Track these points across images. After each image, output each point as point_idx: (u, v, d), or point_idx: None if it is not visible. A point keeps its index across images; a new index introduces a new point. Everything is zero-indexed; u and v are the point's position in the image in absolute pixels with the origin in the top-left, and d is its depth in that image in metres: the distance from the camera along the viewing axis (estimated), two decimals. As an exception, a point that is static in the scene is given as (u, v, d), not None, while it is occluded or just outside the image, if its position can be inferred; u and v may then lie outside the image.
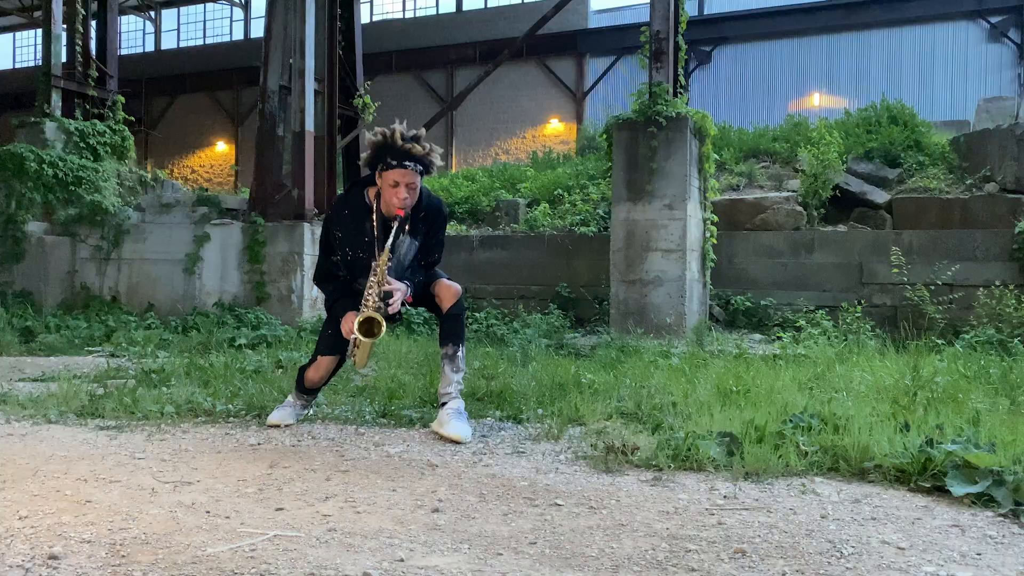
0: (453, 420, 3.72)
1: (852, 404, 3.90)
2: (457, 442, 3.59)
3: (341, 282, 3.92)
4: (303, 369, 4.09)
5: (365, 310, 3.64)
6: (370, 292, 3.67)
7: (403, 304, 3.77)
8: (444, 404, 3.83)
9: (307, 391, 4.12)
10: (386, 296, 3.65)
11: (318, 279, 4.06)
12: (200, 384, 5.09)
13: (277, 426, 3.95)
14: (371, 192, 3.78)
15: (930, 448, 2.96)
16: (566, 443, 3.63)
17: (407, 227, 3.71)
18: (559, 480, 2.99)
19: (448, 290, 3.86)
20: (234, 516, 2.49)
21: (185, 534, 2.31)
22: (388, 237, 3.66)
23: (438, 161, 3.71)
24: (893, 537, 2.36)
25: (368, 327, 3.63)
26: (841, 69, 20.90)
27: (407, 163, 3.57)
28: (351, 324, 3.68)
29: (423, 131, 3.71)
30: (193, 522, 2.42)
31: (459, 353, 3.89)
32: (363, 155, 3.74)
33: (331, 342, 3.95)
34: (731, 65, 22.07)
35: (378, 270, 3.64)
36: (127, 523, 2.40)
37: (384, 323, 3.64)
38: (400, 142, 3.56)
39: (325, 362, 3.99)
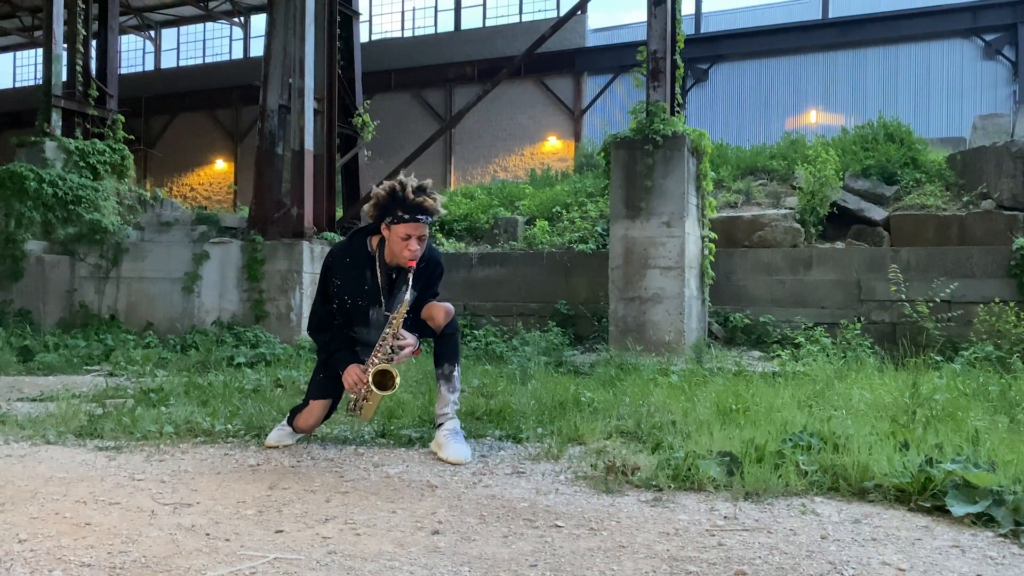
0: (451, 442, 3.72)
1: (851, 422, 3.91)
2: (457, 464, 3.59)
3: (336, 332, 3.92)
4: (294, 412, 4.02)
5: (377, 363, 3.67)
6: (383, 343, 3.70)
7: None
8: (441, 425, 3.83)
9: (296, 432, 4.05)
10: (398, 350, 3.69)
11: (313, 329, 4.03)
12: (199, 403, 5.09)
13: (275, 447, 3.95)
14: (374, 241, 3.78)
15: (930, 467, 2.96)
16: (566, 463, 3.62)
17: (410, 280, 3.68)
18: (559, 501, 2.99)
19: (441, 310, 3.84)
20: (234, 538, 2.49)
21: (185, 557, 2.31)
22: (391, 287, 3.72)
23: (443, 211, 3.74)
24: (894, 558, 2.35)
25: (382, 379, 3.65)
26: (838, 87, 21.01)
27: (420, 216, 3.58)
28: (359, 377, 3.70)
29: (430, 182, 3.73)
30: (193, 545, 2.42)
31: (455, 372, 3.89)
32: (367, 205, 3.72)
33: (324, 385, 3.93)
34: (728, 83, 22.18)
35: (394, 322, 3.67)
36: (127, 546, 2.40)
37: (398, 376, 3.66)
38: (412, 196, 3.57)
39: (317, 407, 3.93)
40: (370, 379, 3.64)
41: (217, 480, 3.27)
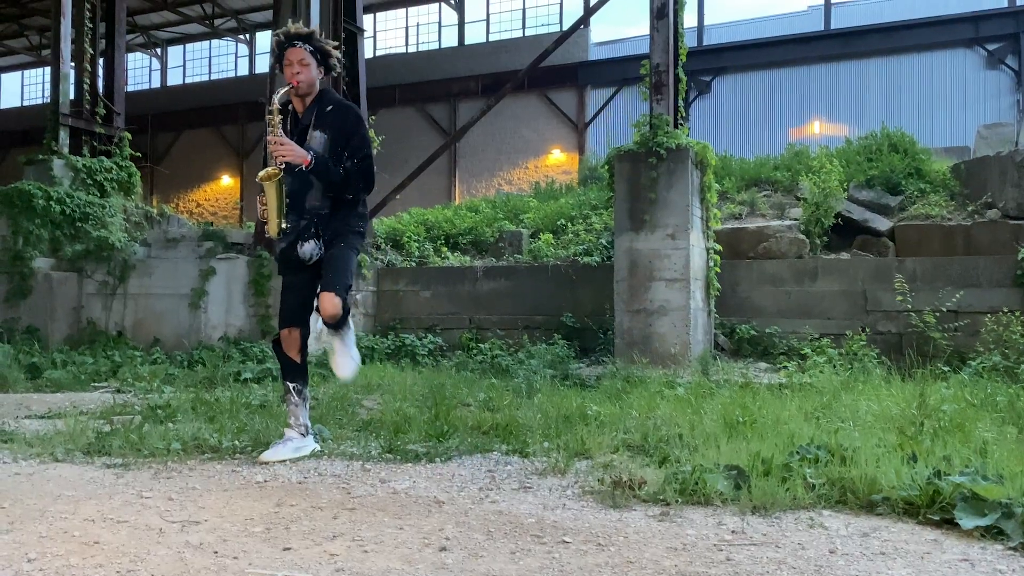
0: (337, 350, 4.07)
1: (859, 435, 3.90)
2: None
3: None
4: (277, 348, 4.26)
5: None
6: (269, 147, 4.05)
7: (319, 179, 4.03)
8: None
9: (292, 375, 4.19)
10: (273, 156, 4.00)
11: None
12: (206, 420, 5.10)
13: (269, 463, 3.95)
14: (294, 101, 4.21)
15: (938, 480, 2.95)
16: (573, 477, 3.62)
17: (314, 120, 4.08)
18: (566, 516, 2.98)
19: (324, 306, 3.99)
20: (242, 556, 2.49)
21: (193, 575, 2.31)
22: (305, 132, 4.09)
23: (334, 52, 4.20)
24: (903, 573, 2.35)
25: (267, 175, 4.00)
26: (841, 97, 21.03)
27: (296, 43, 4.09)
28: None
29: (316, 29, 4.30)
30: (201, 563, 2.42)
31: (341, 331, 4.08)
32: (272, 61, 4.35)
33: (285, 315, 4.24)
34: (731, 95, 22.23)
35: (272, 122, 4.00)
36: (135, 565, 2.40)
37: (279, 171, 3.97)
38: (291, 30, 4.12)
39: (285, 333, 4.21)
40: (257, 179, 4.04)
41: (224, 497, 3.28)
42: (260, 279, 9.54)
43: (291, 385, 4.21)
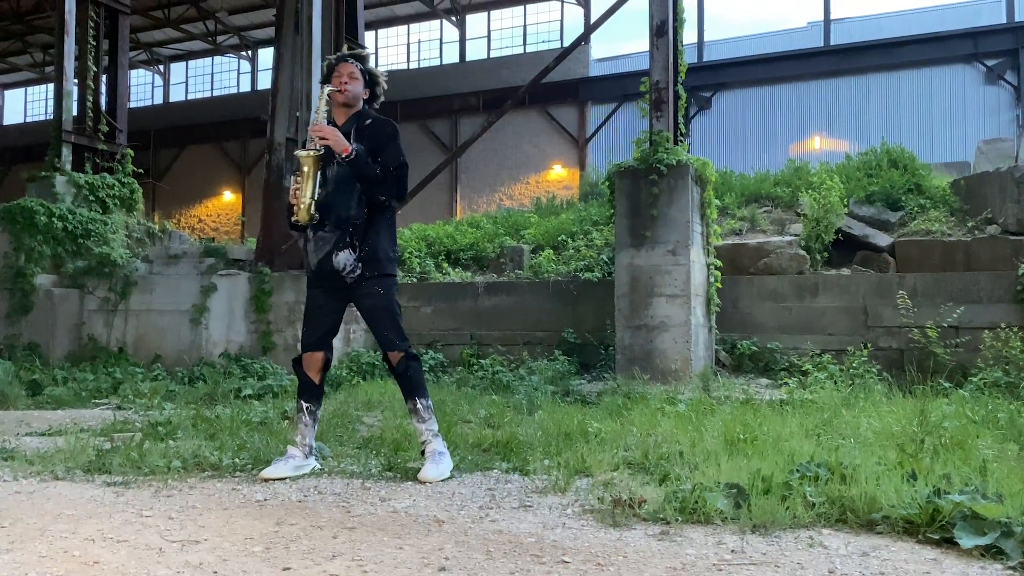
0: (427, 463, 4.02)
1: (859, 452, 3.90)
2: (426, 483, 3.88)
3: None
4: (298, 367, 4.30)
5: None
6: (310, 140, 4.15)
7: (357, 174, 4.07)
8: (423, 451, 4.12)
9: (308, 396, 4.24)
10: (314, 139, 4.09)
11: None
12: (206, 437, 5.10)
13: (269, 480, 3.95)
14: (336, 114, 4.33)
15: (938, 498, 2.95)
16: (573, 496, 3.62)
17: (354, 133, 4.15)
18: (566, 536, 2.98)
19: (392, 358, 4.20)
20: (241, 576, 2.49)
21: (192, 596, 2.31)
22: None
23: (382, 77, 4.39)
24: (902, 592, 2.34)
25: (306, 153, 4.08)
26: (841, 113, 21.12)
27: (348, 58, 4.28)
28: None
29: (370, 55, 4.58)
30: (200, 583, 2.42)
31: (418, 406, 4.15)
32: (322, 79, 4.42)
33: (308, 337, 4.25)
34: (731, 110, 22.33)
35: (319, 108, 4.18)
36: (134, 585, 2.40)
37: (311, 153, 4.07)
38: (346, 52, 4.41)
39: (308, 356, 4.23)
40: (295, 154, 4.16)
41: (224, 516, 3.28)
42: (261, 295, 9.56)
43: (305, 405, 4.22)
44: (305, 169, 4.07)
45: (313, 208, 4.05)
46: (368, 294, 4.15)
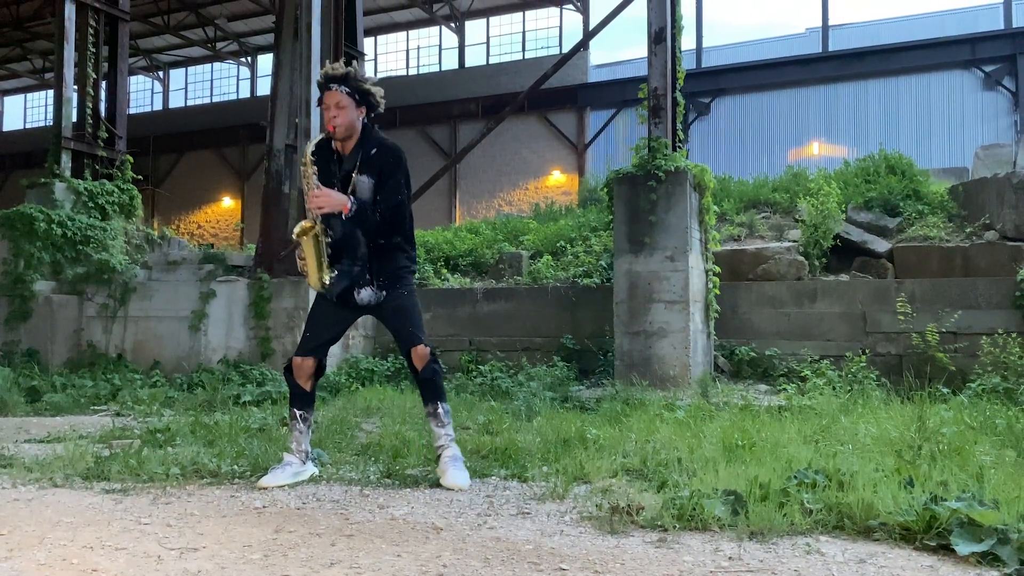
0: (450, 468, 3.98)
1: (857, 459, 3.90)
2: (455, 489, 3.84)
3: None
4: (288, 374, 4.25)
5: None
6: (306, 201, 4.03)
7: (359, 225, 4.00)
8: (440, 456, 4.08)
9: (300, 403, 4.21)
10: (316, 210, 3.98)
11: None
12: (205, 443, 5.10)
13: (268, 488, 3.95)
14: (336, 143, 4.15)
15: (935, 505, 2.95)
16: (571, 502, 3.62)
17: (359, 164, 4.04)
18: (564, 543, 2.99)
19: (417, 355, 4.08)
20: (239, 584, 2.49)
21: (190, 604, 2.31)
22: (342, 171, 4.05)
23: (375, 90, 4.12)
24: (899, 599, 2.35)
25: (302, 231, 3.98)
26: (839, 119, 21.17)
27: (331, 85, 4.04)
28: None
29: (357, 65, 4.22)
30: (198, 591, 2.42)
31: (439, 410, 4.11)
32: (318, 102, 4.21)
33: (305, 343, 4.23)
34: (730, 116, 22.37)
35: (306, 173, 4.01)
36: (133, 593, 2.40)
37: (316, 225, 3.97)
38: (329, 71, 4.07)
39: (298, 361, 4.17)
40: (294, 236, 4.02)
41: (223, 523, 3.28)
42: (260, 301, 9.56)
43: (298, 412, 4.22)
44: (304, 247, 4.00)
45: (326, 275, 4.03)
46: (392, 299, 4.15)
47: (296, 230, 4.00)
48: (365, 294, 4.11)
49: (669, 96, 8.69)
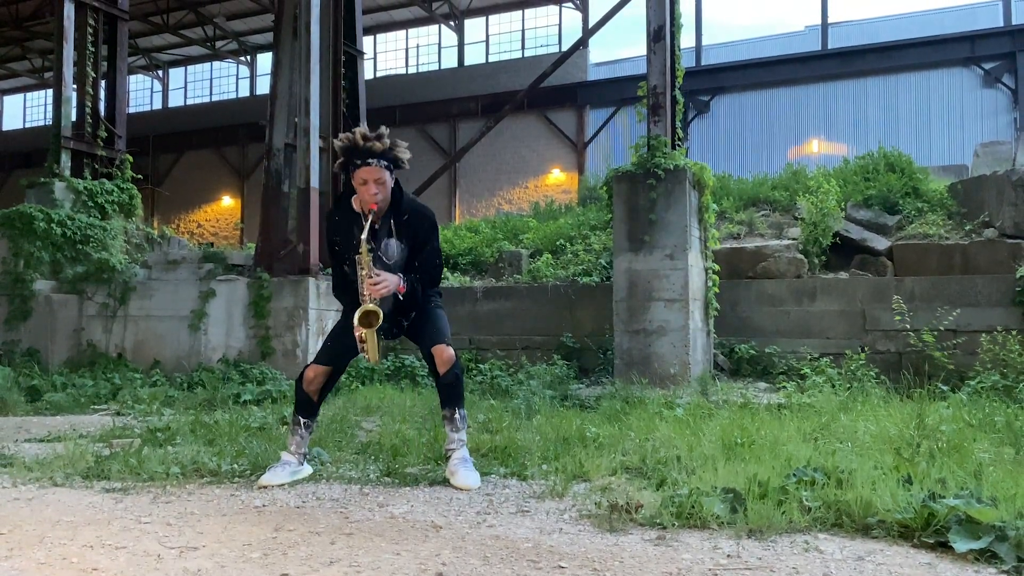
0: (461, 469, 3.96)
1: (856, 456, 3.91)
2: (465, 490, 3.82)
3: (353, 295, 4.03)
4: (299, 383, 4.19)
5: (363, 304, 3.86)
6: (363, 286, 3.88)
7: (404, 303, 3.98)
8: (449, 457, 4.07)
9: (305, 412, 4.18)
10: (373, 293, 3.86)
11: (335, 291, 4.29)
12: (205, 443, 5.11)
13: (268, 487, 3.96)
14: (356, 201, 4.00)
15: (933, 502, 2.96)
16: (570, 501, 3.63)
17: (392, 229, 3.97)
18: (563, 541, 2.99)
19: (442, 357, 4.03)
20: (239, 583, 2.50)
21: (190, 602, 2.32)
22: (374, 238, 3.92)
23: (405, 155, 3.96)
24: (897, 596, 2.35)
25: (366, 319, 3.84)
26: (839, 116, 21.16)
27: (371, 160, 3.83)
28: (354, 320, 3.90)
29: (385, 129, 3.94)
30: (198, 589, 2.43)
31: (456, 416, 4.09)
32: (336, 164, 4.02)
33: (324, 352, 4.17)
34: (729, 114, 22.37)
35: (362, 260, 3.85)
36: (133, 591, 2.41)
37: (381, 312, 3.86)
38: (362, 142, 3.83)
39: (313, 371, 4.12)
40: (356, 321, 3.85)
41: (223, 522, 3.29)
42: (260, 301, 9.57)
43: (302, 420, 4.20)
44: (367, 338, 3.91)
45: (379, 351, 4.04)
46: (420, 313, 4.16)
47: (362, 325, 3.86)
48: (396, 332, 4.17)
49: (668, 94, 8.69)
